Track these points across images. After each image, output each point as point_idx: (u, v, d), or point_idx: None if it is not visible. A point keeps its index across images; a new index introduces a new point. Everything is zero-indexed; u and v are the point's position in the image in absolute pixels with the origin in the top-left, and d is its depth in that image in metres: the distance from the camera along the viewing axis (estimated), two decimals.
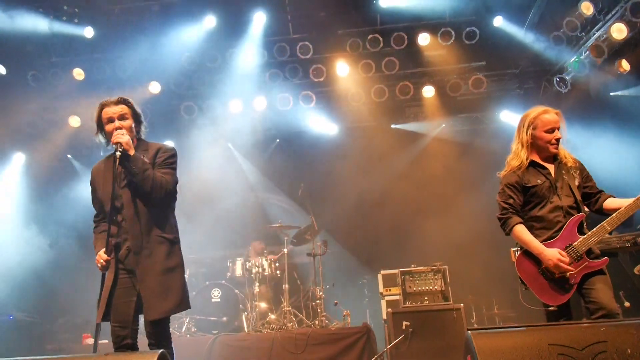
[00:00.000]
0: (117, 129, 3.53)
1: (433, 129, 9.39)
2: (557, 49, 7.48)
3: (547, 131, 3.76)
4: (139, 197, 3.55)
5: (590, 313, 3.40)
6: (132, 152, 3.46)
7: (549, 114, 3.79)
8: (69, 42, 7.87)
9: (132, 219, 3.51)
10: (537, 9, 7.30)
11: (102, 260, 3.45)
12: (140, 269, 3.46)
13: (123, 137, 3.46)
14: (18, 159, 9.03)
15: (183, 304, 3.57)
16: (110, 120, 3.60)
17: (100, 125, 3.67)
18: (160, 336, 3.48)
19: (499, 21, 7.63)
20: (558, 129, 3.77)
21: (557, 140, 3.76)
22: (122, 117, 3.61)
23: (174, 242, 3.66)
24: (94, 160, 9.08)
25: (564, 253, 3.54)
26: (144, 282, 3.44)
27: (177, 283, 3.57)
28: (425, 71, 8.61)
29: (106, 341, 5.86)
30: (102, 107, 3.67)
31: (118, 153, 3.43)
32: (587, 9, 6.72)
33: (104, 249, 3.47)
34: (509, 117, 8.77)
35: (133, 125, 3.65)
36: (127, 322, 3.44)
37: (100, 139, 3.72)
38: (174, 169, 3.72)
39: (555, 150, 3.78)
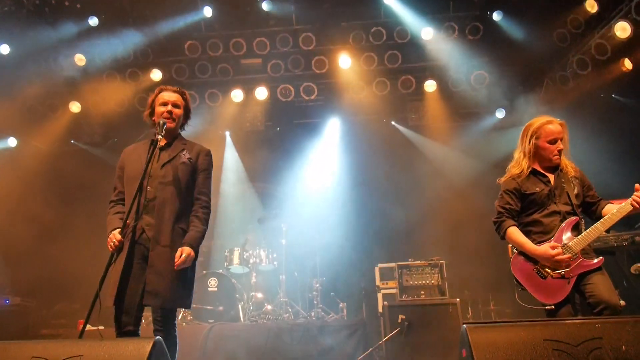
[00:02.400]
0: (168, 112, 3.69)
1: (434, 124, 9.36)
2: (561, 46, 7.44)
3: (549, 142, 3.80)
4: (171, 185, 3.58)
5: (592, 308, 3.42)
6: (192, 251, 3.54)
7: (552, 125, 3.81)
8: (71, 28, 7.82)
9: (159, 205, 3.53)
10: (542, 6, 7.26)
11: (115, 240, 3.41)
12: (155, 255, 3.44)
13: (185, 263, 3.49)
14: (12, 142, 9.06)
15: (185, 300, 3.58)
16: (164, 104, 3.73)
17: (152, 106, 3.80)
18: (166, 324, 3.46)
19: (502, 17, 7.59)
20: (561, 140, 3.79)
21: (560, 151, 3.79)
22: (175, 105, 3.76)
23: None
24: (94, 146, 9.13)
25: (556, 244, 3.56)
26: (156, 270, 3.42)
27: (187, 279, 3.59)
28: (428, 65, 8.58)
29: (102, 327, 5.88)
30: (161, 90, 3.83)
31: (159, 137, 3.55)
32: (591, 6, 6.72)
33: (119, 229, 3.45)
34: (511, 113, 8.76)
35: (182, 117, 3.81)
36: (133, 309, 3.40)
37: (148, 119, 3.84)
38: (211, 176, 3.87)
39: (557, 161, 3.83)
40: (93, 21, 7.75)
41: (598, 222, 3.59)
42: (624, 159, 6.95)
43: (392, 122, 9.52)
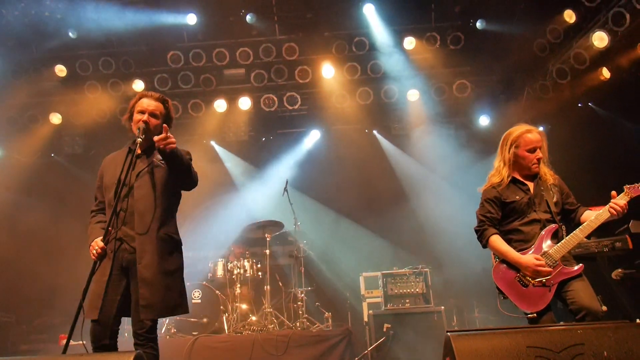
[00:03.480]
0: (143, 121, 3.56)
1: (416, 133, 9.42)
2: (541, 56, 7.56)
3: (529, 150, 3.85)
4: (150, 193, 3.51)
5: (574, 315, 3.45)
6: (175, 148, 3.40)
7: (531, 134, 3.87)
8: (51, 39, 7.74)
9: (140, 214, 3.46)
10: (521, 17, 7.37)
11: (97, 247, 3.31)
12: (143, 267, 3.35)
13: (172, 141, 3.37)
14: None
15: (183, 306, 3.52)
16: (142, 112, 3.62)
17: (132, 112, 3.70)
18: (148, 337, 3.36)
19: (483, 27, 7.69)
20: (540, 149, 3.85)
21: (539, 159, 3.85)
22: (153, 114, 3.64)
23: (179, 243, 3.65)
24: (75, 158, 9.03)
25: (539, 257, 3.60)
26: (144, 280, 3.33)
27: (179, 284, 3.53)
28: (410, 75, 8.63)
29: (84, 342, 5.77)
30: (141, 97, 3.72)
31: (139, 140, 3.42)
32: (569, 17, 6.84)
33: (101, 238, 3.34)
34: (494, 121, 8.87)
35: (159, 126, 3.59)
36: (109, 322, 3.31)
37: (127, 124, 3.75)
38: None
39: (536, 169, 3.88)
40: (73, 32, 7.66)
41: (577, 229, 3.63)
42: (600, 167, 7.06)
43: (374, 132, 9.56)
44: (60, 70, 8.08)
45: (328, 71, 8.31)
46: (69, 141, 9.15)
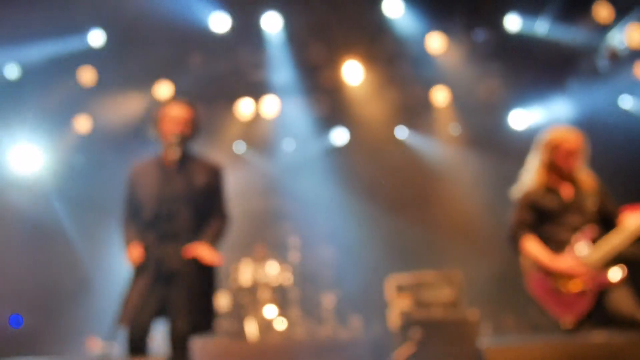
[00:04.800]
0: (177, 132, 3.51)
1: (445, 134, 9.30)
2: (572, 52, 7.36)
3: (567, 154, 3.68)
4: (191, 213, 3.50)
5: (615, 324, 3.29)
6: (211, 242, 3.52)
7: (569, 137, 3.71)
8: (77, 44, 7.86)
9: (182, 232, 3.46)
10: (552, 12, 7.19)
11: (136, 256, 3.35)
12: (187, 284, 3.38)
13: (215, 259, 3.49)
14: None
15: (214, 321, 3.54)
16: (173, 119, 3.56)
17: (160, 122, 3.63)
18: (183, 342, 3.39)
19: (512, 24, 7.50)
20: (578, 152, 3.69)
21: (577, 163, 3.70)
22: (185, 121, 3.59)
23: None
24: (103, 161, 9.19)
25: (574, 259, 3.45)
26: (192, 301, 3.36)
27: (214, 302, 3.56)
28: (437, 76, 8.51)
29: (115, 345, 5.80)
30: (170, 105, 3.67)
31: (175, 152, 3.43)
32: (602, 11, 6.63)
33: (139, 246, 3.38)
34: (524, 121, 8.66)
35: (191, 133, 3.63)
36: (145, 327, 3.34)
37: (155, 134, 3.69)
38: (224, 190, 3.79)
39: (574, 173, 3.71)
40: (99, 37, 7.76)
41: (617, 233, 3.47)
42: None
43: (401, 133, 9.44)
44: (87, 74, 8.18)
45: (353, 74, 8.23)
46: (96, 145, 9.27)
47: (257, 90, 8.68)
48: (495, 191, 7.82)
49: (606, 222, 3.72)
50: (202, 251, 3.42)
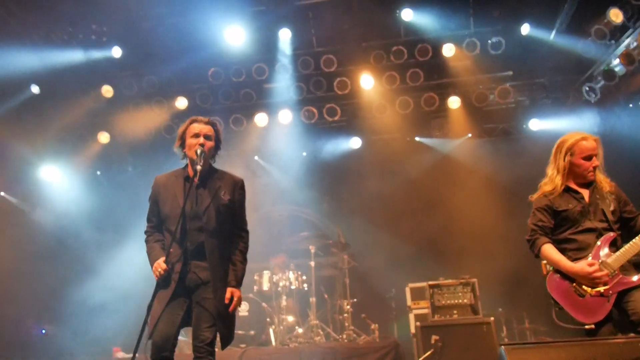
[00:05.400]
0: (200, 145, 3.63)
1: (459, 140, 9.29)
2: (586, 57, 7.34)
3: (584, 158, 3.73)
4: (217, 231, 3.60)
5: (635, 327, 3.32)
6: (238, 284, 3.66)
7: (587, 141, 3.75)
8: (98, 60, 8.05)
9: (210, 250, 3.55)
10: (565, 17, 7.19)
11: (160, 269, 3.44)
12: (217, 299, 3.50)
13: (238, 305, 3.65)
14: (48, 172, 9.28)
15: (234, 334, 3.69)
16: (196, 135, 3.69)
17: (183, 137, 3.76)
18: (208, 349, 3.49)
19: (525, 30, 7.50)
20: (596, 156, 3.72)
21: (595, 167, 3.73)
22: (207, 137, 3.71)
23: None
24: (122, 176, 9.38)
25: (594, 262, 3.47)
26: (222, 315, 3.50)
27: (235, 312, 3.69)
28: (451, 82, 8.55)
29: (129, 355, 5.89)
30: (192, 122, 3.79)
31: (199, 167, 3.53)
32: (616, 16, 6.60)
33: (163, 258, 3.47)
34: (538, 126, 8.65)
35: (213, 149, 3.76)
36: (170, 337, 3.44)
37: (178, 151, 3.81)
38: (245, 205, 3.90)
39: (592, 177, 3.76)
40: (117, 52, 7.94)
41: (637, 237, 3.49)
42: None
43: (417, 138, 9.46)
44: (107, 90, 8.38)
45: (367, 81, 8.30)
46: (117, 159, 9.48)
47: (272, 102, 8.78)
48: (510, 196, 7.87)
49: (625, 226, 3.75)
50: (233, 297, 3.56)
